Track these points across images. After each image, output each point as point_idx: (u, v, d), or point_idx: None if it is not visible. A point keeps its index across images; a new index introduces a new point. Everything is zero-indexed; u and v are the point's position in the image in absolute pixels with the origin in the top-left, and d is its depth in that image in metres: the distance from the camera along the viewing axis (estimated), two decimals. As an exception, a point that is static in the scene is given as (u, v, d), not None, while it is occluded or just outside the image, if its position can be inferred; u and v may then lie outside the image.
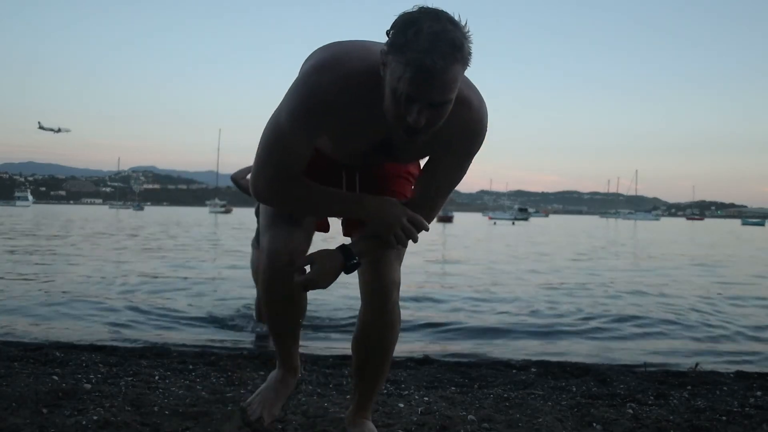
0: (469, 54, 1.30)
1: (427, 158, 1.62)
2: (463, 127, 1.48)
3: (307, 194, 1.53)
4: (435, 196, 1.62)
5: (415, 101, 1.28)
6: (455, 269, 9.85)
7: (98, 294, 5.86)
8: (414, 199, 1.63)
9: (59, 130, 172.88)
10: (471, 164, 1.62)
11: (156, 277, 7.36)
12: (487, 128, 1.55)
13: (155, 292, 6.06)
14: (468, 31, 1.30)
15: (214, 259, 10.81)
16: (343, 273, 1.56)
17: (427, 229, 1.58)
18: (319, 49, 1.51)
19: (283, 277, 1.61)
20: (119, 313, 4.82)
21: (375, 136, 1.50)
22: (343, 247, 1.57)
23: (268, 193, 1.54)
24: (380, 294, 1.70)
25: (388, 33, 1.30)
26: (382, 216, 1.54)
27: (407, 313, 5.12)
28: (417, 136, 1.35)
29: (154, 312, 4.92)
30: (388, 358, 1.84)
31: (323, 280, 1.54)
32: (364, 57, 1.40)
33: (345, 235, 1.84)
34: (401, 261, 1.76)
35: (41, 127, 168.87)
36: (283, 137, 1.45)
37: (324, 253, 1.55)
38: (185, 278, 7.37)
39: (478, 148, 1.57)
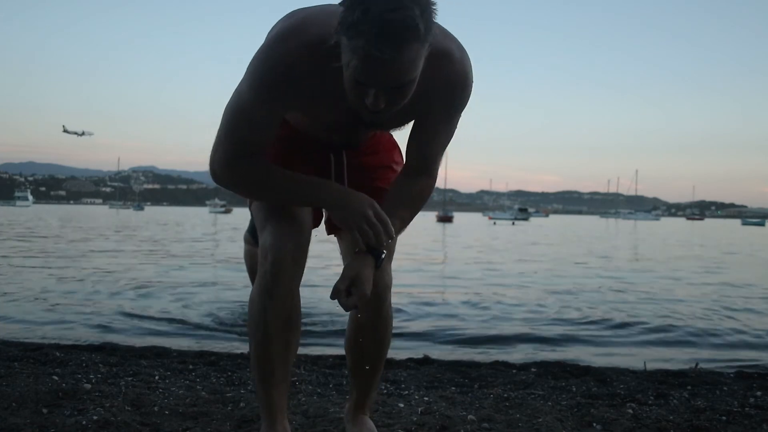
0: (428, 29, 1.17)
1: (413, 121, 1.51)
2: (446, 82, 1.38)
3: (266, 176, 1.42)
4: (428, 159, 1.53)
5: (369, 86, 1.19)
6: (455, 269, 9.85)
7: (99, 294, 5.86)
8: (408, 165, 1.54)
9: (83, 134, 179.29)
10: (459, 121, 1.52)
11: (156, 277, 7.37)
12: (473, 79, 1.44)
13: (155, 292, 6.06)
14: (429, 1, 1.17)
15: (214, 258, 10.82)
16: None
17: (391, 237, 1.42)
18: (282, 18, 1.40)
19: (286, 281, 1.51)
20: (119, 313, 4.82)
21: (349, 105, 1.37)
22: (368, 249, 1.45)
23: (225, 172, 1.42)
24: (376, 298, 1.60)
25: (342, 2, 1.18)
26: (344, 206, 1.42)
27: (407, 313, 5.13)
28: (379, 117, 1.27)
29: (155, 312, 4.92)
30: (384, 357, 1.81)
31: (369, 288, 1.44)
32: (329, 23, 1.25)
33: (329, 234, 1.77)
34: (391, 261, 1.68)
35: (65, 131, 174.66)
36: (246, 110, 1.35)
37: (357, 266, 1.43)
38: (185, 278, 7.37)
39: (466, 102, 1.46)
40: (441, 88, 1.38)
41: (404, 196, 1.54)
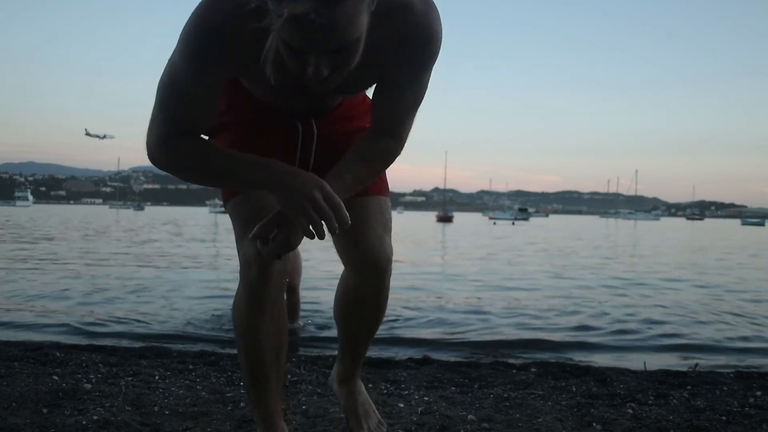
0: None
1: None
2: (406, 37, 1.24)
3: (204, 156, 1.30)
4: (393, 121, 1.39)
5: (304, 53, 1.06)
6: (455, 270, 9.85)
7: (99, 294, 5.86)
8: (372, 125, 1.41)
9: (104, 137, 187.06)
10: (429, 77, 1.37)
11: (157, 277, 7.37)
12: (441, 33, 1.29)
13: (155, 292, 6.06)
14: None
15: (215, 258, 10.82)
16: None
17: (346, 223, 1.25)
18: None
19: (273, 293, 1.44)
20: (119, 313, 4.82)
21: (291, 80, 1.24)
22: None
23: (160, 152, 1.30)
24: (377, 273, 1.57)
25: None
26: (287, 187, 1.25)
27: (407, 312, 5.12)
28: (327, 85, 1.15)
29: (155, 312, 4.92)
30: (377, 327, 1.77)
31: (296, 237, 1.31)
32: None
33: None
34: (390, 232, 1.61)
35: (88, 134, 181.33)
36: (179, 81, 1.22)
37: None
38: (185, 277, 7.37)
39: (434, 59, 1.31)
40: (402, 44, 1.24)
41: (363, 152, 1.40)
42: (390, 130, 1.41)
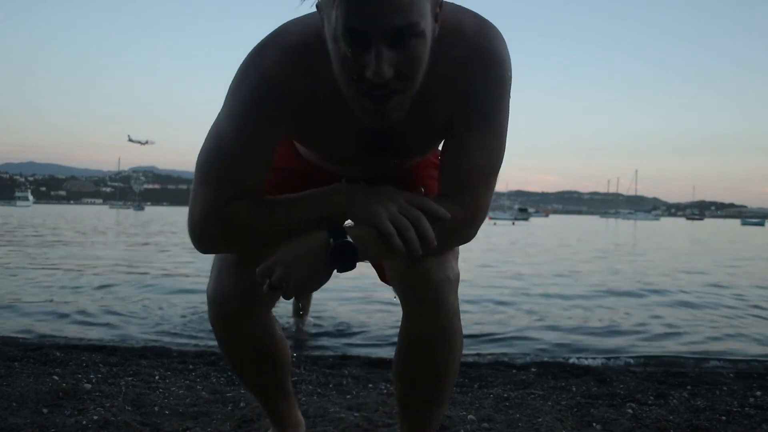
0: None
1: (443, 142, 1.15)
2: (463, 65, 1.05)
3: (260, 213, 1.09)
4: (458, 184, 1.09)
5: (365, 41, 0.91)
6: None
7: (99, 293, 5.86)
8: (437, 195, 1.12)
9: (146, 142, 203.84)
10: (507, 120, 1.10)
11: (157, 277, 7.37)
12: (506, 54, 1.08)
13: (156, 292, 6.06)
14: None
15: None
16: (335, 271, 1.04)
17: (431, 243, 1.02)
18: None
19: (244, 327, 1.29)
20: (119, 313, 4.82)
21: (354, 124, 1.08)
22: (334, 229, 1.05)
23: (210, 223, 1.09)
24: (427, 298, 1.16)
25: None
26: (365, 201, 1.05)
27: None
28: (389, 102, 0.97)
29: (155, 312, 4.92)
30: (447, 386, 1.30)
31: (301, 277, 1.02)
32: (309, 24, 1.06)
33: (382, 279, 1.38)
34: (456, 257, 1.22)
35: (130, 140, 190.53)
36: (227, 143, 1.07)
37: (296, 241, 1.05)
38: (186, 277, 7.37)
39: (501, 87, 1.07)
40: (460, 74, 1.05)
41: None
42: (455, 196, 1.09)
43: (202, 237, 1.11)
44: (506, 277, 8.64)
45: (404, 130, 1.10)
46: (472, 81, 1.06)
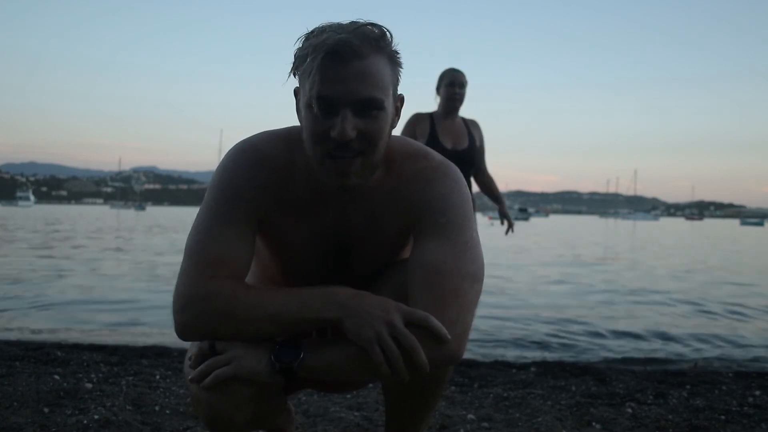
0: (395, 51, 1.07)
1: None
2: (422, 184, 1.14)
3: (246, 298, 1.07)
4: (431, 298, 1.05)
5: (334, 107, 1.03)
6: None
7: (99, 293, 5.87)
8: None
9: None
10: (473, 235, 1.13)
11: (157, 276, 7.37)
12: (462, 182, 1.17)
13: (156, 291, 6.07)
14: (392, 39, 1.07)
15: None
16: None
17: (423, 369, 0.99)
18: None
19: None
20: (120, 313, 4.83)
21: (321, 227, 1.17)
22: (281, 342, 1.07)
23: (194, 303, 1.08)
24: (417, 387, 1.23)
25: (292, 71, 1.09)
26: (359, 315, 1.02)
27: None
28: (351, 165, 1.05)
29: (155, 312, 4.93)
30: (436, 398, 1.33)
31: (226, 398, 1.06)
32: (280, 135, 1.18)
33: None
34: (465, 336, 1.08)
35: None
36: (209, 228, 1.12)
37: (246, 351, 1.07)
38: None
39: (460, 204, 1.13)
40: (416, 192, 1.14)
41: None
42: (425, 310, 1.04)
43: (187, 319, 1.11)
44: (506, 277, 8.65)
45: (363, 240, 1.19)
46: (431, 195, 1.14)
